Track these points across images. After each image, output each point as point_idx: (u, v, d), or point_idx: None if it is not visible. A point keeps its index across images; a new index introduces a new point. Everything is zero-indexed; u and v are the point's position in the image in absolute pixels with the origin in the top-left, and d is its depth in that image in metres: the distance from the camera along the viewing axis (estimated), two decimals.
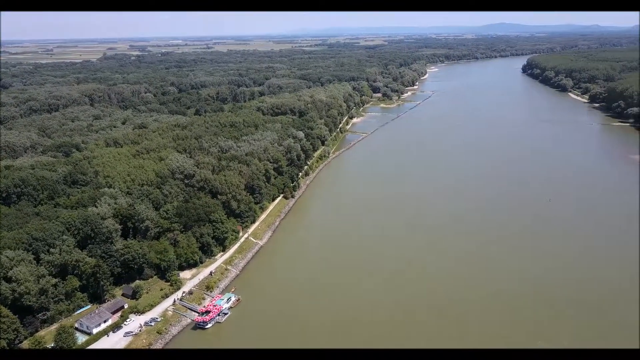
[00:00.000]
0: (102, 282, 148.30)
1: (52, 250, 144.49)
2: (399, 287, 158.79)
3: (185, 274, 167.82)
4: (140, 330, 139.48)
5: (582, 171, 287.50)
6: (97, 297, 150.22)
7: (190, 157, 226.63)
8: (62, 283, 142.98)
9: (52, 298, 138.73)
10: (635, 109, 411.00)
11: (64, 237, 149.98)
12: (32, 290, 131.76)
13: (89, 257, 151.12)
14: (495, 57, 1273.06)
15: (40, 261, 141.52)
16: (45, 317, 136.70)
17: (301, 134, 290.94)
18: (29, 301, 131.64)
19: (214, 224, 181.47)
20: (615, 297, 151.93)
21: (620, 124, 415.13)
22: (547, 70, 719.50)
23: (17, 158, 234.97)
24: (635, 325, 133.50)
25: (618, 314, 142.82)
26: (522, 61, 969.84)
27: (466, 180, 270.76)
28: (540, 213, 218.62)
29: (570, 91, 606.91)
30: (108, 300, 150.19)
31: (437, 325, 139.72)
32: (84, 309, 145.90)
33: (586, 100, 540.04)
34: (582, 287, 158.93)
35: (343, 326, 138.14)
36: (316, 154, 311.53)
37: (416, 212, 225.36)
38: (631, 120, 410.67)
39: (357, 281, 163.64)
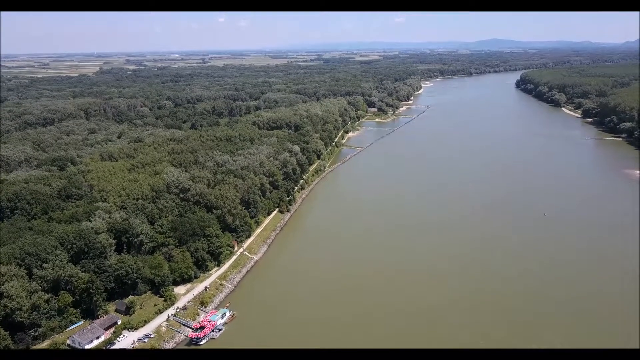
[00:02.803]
0: (95, 298, 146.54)
1: (44, 265, 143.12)
2: (397, 300, 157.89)
3: (179, 289, 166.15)
4: (133, 347, 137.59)
5: (577, 185, 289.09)
6: (89, 313, 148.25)
7: (186, 171, 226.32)
8: (55, 299, 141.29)
9: (44, 314, 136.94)
10: (628, 124, 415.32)
11: (57, 251, 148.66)
12: (24, 306, 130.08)
13: (82, 272, 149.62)
14: (489, 72, 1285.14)
15: (33, 276, 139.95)
16: (36, 333, 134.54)
17: (297, 148, 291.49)
18: (21, 317, 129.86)
19: (208, 238, 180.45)
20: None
21: (613, 138, 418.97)
22: (540, 86, 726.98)
23: (11, 172, 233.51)
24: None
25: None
26: (515, 76, 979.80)
27: (462, 194, 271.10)
28: (537, 225, 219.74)
29: (563, 106, 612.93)
30: (101, 316, 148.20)
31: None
32: (76, 325, 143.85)
33: (579, 115, 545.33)
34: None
35: (340, 342, 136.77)
36: (312, 167, 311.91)
37: (412, 225, 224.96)
38: (624, 135, 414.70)
39: (354, 296, 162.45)
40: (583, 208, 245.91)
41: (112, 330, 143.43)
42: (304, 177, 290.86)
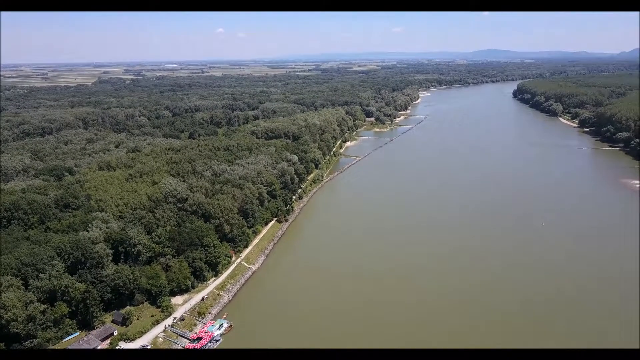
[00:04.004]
0: (91, 308, 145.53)
1: (41, 275, 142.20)
2: (396, 308, 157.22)
3: (176, 300, 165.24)
4: None
5: (575, 194, 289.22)
6: (86, 324, 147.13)
7: (184, 180, 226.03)
8: (51, 309, 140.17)
9: (40, 325, 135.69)
10: (625, 134, 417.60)
11: (54, 262, 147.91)
12: (20, 317, 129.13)
13: (79, 282, 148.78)
14: (486, 82, 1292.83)
15: (29, 287, 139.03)
16: (32, 344, 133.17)
17: (295, 158, 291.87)
18: (16, 328, 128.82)
19: (206, 248, 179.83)
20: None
21: (609, 148, 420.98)
22: (537, 95, 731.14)
23: (8, 182, 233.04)
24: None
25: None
26: (512, 86, 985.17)
27: (460, 203, 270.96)
28: (535, 234, 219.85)
29: (560, 116, 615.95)
30: (97, 327, 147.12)
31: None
32: (72, 336, 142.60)
33: (576, 125, 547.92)
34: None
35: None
36: (310, 177, 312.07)
37: (411, 234, 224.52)
38: (620, 145, 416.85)
39: (352, 305, 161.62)
40: (581, 217, 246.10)
41: (108, 341, 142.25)
42: (302, 186, 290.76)
